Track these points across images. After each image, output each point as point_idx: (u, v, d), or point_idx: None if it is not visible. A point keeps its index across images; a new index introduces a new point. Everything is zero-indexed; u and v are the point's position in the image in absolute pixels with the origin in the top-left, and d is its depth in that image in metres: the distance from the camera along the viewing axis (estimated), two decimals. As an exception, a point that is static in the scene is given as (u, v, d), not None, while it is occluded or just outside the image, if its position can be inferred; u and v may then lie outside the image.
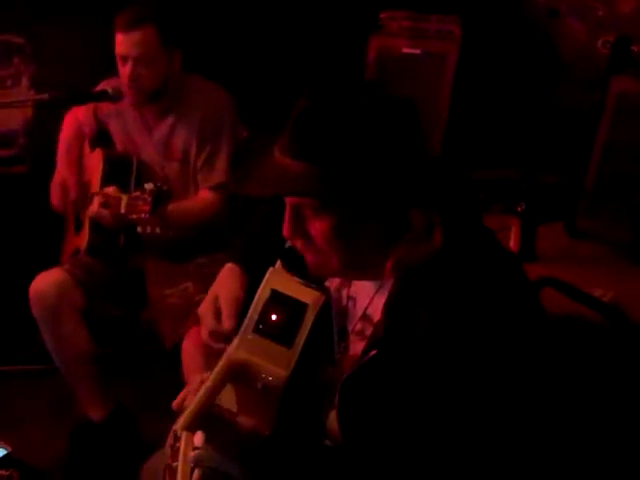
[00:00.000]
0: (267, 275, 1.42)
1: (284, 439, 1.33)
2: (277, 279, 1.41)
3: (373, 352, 1.29)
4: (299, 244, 1.33)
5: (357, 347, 1.40)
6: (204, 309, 1.58)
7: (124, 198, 2.25)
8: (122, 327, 2.90)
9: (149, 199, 2.18)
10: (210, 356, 2.35)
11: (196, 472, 1.22)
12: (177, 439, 1.25)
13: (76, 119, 2.83)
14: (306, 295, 1.38)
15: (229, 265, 1.67)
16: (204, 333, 1.56)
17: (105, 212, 2.35)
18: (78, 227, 2.79)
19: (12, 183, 3.24)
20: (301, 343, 1.34)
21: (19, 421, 2.75)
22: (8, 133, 3.24)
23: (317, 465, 1.33)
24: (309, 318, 1.36)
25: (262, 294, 1.39)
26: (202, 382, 1.39)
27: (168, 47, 2.57)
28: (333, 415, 1.41)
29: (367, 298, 1.41)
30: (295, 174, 1.23)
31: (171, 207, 2.30)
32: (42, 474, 2.20)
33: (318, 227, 1.27)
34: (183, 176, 2.70)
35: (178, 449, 1.24)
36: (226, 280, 1.62)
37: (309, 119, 1.23)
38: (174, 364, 2.55)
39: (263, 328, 1.36)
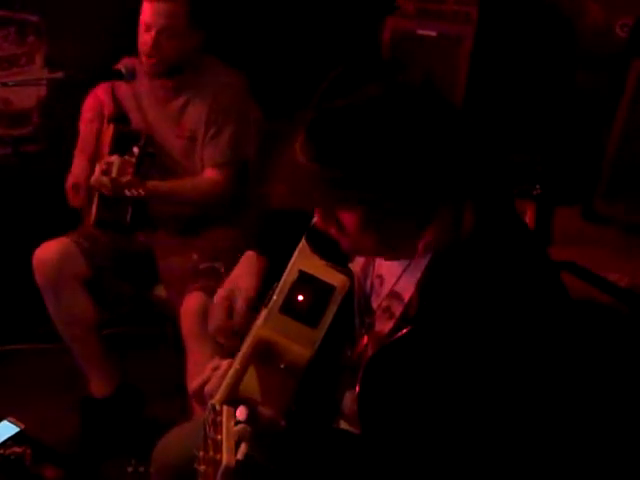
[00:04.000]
0: (295, 255, 1.42)
1: (299, 420, 1.33)
2: (305, 260, 1.41)
3: (405, 329, 1.28)
4: (332, 231, 1.32)
5: (383, 324, 1.39)
6: (218, 302, 1.58)
7: (116, 162, 2.33)
8: (132, 305, 2.90)
9: (133, 160, 2.29)
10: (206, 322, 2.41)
11: (242, 446, 1.21)
12: (217, 413, 1.24)
13: (97, 100, 2.84)
14: (333, 277, 1.38)
15: (249, 253, 1.65)
16: (212, 326, 1.57)
17: (104, 179, 2.40)
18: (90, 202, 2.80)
19: (26, 162, 3.24)
20: (326, 325, 1.34)
21: (32, 399, 2.75)
22: (22, 112, 3.23)
23: (332, 449, 1.32)
24: (335, 300, 1.36)
25: (290, 274, 1.39)
26: (214, 369, 1.39)
27: (193, 25, 2.58)
28: (350, 395, 1.40)
29: (395, 276, 1.39)
30: (314, 178, 1.22)
31: (175, 184, 2.45)
32: (55, 451, 2.21)
33: (347, 219, 1.26)
34: (191, 154, 2.72)
35: (220, 422, 1.23)
36: (245, 273, 1.61)
37: (322, 122, 1.21)
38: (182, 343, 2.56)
39: (290, 308, 1.36)
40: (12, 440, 2.14)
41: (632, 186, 2.66)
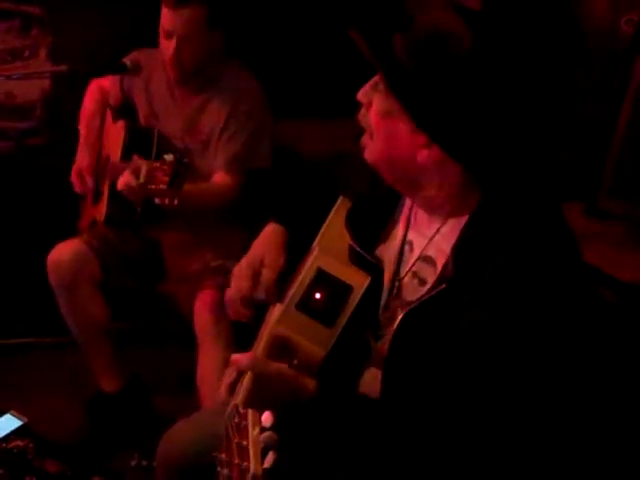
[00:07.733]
0: (315, 253, 1.42)
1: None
2: (324, 258, 1.41)
3: (435, 290, 1.29)
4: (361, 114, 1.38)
5: (412, 290, 1.40)
6: (242, 271, 1.59)
7: (143, 167, 2.22)
8: (138, 300, 2.91)
9: (168, 170, 2.16)
10: (220, 319, 2.42)
11: (270, 455, 1.21)
12: (242, 417, 1.25)
13: (100, 88, 2.84)
14: (352, 277, 1.38)
15: (273, 226, 1.66)
16: (233, 294, 1.57)
17: (134, 183, 2.27)
18: (96, 198, 2.80)
19: (30, 155, 3.24)
20: (342, 324, 1.34)
21: (35, 392, 2.76)
22: (26, 105, 3.23)
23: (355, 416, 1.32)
24: (353, 300, 1.36)
25: (308, 272, 1.39)
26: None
27: (212, 27, 2.57)
28: (370, 372, 1.40)
29: (425, 240, 1.41)
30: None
31: (188, 188, 2.25)
32: (57, 445, 2.21)
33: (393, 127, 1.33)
34: (204, 157, 2.70)
35: (245, 427, 1.24)
36: (270, 244, 1.62)
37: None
38: (189, 337, 2.56)
39: (306, 306, 1.36)
40: (15, 433, 2.14)
41: (636, 182, 2.66)
